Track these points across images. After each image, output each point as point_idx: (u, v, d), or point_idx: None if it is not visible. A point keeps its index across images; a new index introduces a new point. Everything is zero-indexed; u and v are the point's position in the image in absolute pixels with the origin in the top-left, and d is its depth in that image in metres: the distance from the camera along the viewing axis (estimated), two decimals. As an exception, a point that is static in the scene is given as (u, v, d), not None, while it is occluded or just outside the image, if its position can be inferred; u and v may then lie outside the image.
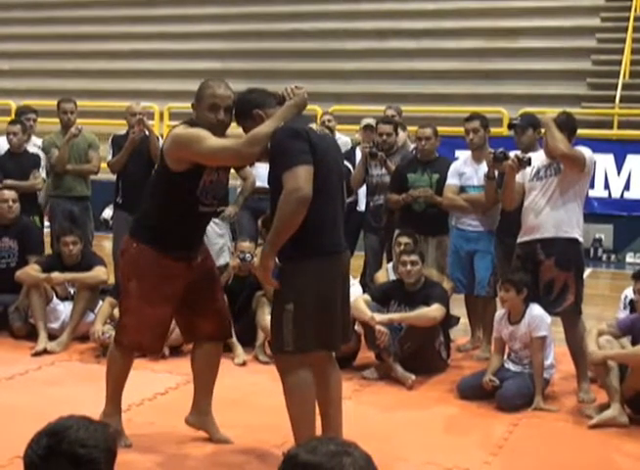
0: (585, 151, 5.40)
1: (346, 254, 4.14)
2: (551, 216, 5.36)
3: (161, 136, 9.40)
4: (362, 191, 7.49)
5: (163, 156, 4.14)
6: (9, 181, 7.27)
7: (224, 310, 4.54)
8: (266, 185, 4.12)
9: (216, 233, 7.18)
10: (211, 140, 3.99)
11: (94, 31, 17.11)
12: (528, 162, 5.45)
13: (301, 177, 3.73)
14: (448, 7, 15.44)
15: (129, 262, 4.28)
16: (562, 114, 5.57)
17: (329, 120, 8.28)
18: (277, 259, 3.86)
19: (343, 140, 8.69)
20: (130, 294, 4.25)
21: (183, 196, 4.13)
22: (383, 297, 6.03)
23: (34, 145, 7.87)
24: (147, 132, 7.35)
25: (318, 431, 4.01)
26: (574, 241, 5.37)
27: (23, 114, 7.96)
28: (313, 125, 4.05)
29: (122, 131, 7.67)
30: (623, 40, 13.57)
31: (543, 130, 5.54)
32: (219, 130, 4.10)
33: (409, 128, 8.20)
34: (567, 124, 5.45)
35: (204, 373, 4.50)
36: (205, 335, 4.44)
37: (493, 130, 6.96)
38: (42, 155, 7.68)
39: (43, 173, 7.57)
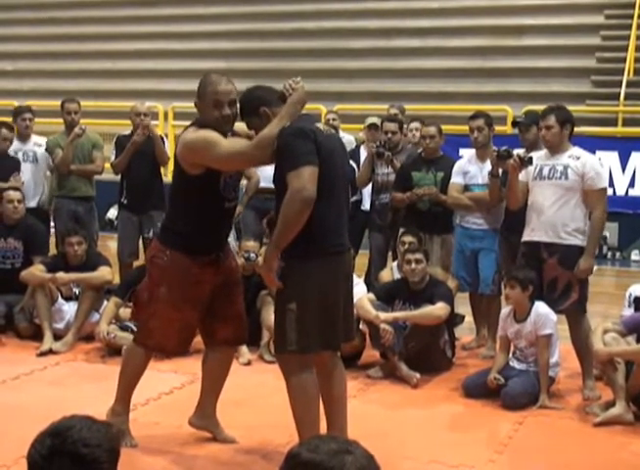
0: (603, 179, 5.47)
1: (349, 253, 4.14)
2: (553, 220, 5.35)
3: (166, 136, 9.45)
4: (367, 190, 7.49)
5: (178, 161, 4.12)
6: None
7: (242, 315, 4.52)
8: (272, 185, 4.12)
9: (221, 233, 7.17)
10: (223, 146, 3.97)
11: (97, 32, 17.13)
12: (530, 161, 5.44)
13: (306, 178, 3.72)
14: (452, 5, 15.43)
15: (160, 269, 4.24)
16: (558, 108, 5.52)
17: (333, 119, 8.28)
18: (280, 259, 3.86)
19: (347, 139, 8.69)
20: (158, 299, 4.23)
21: (208, 196, 4.13)
22: (387, 295, 6.03)
23: (35, 144, 7.88)
24: (151, 134, 7.36)
25: (323, 430, 4.01)
26: (576, 245, 5.36)
27: (19, 113, 7.95)
28: (320, 125, 4.04)
29: (127, 131, 7.68)
30: (628, 37, 13.54)
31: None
32: (226, 125, 4.10)
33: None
34: (568, 119, 5.45)
35: (214, 376, 4.50)
36: (223, 340, 4.43)
37: (497, 128, 6.95)
38: (18, 157, 7.69)
39: (24, 177, 7.57)
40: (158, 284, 4.24)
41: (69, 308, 6.59)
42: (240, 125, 4.24)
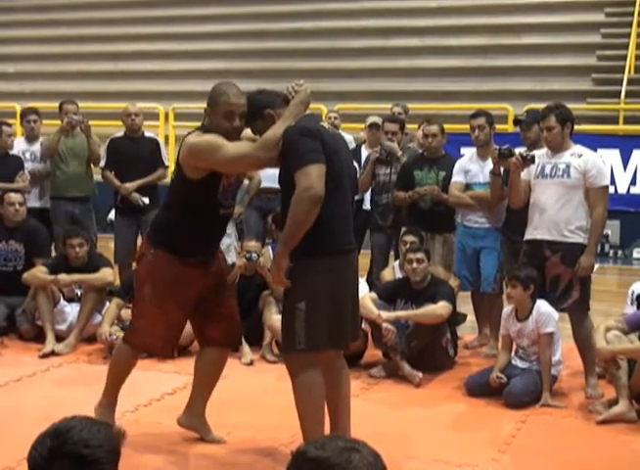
0: (605, 177, 5.45)
1: (356, 251, 4.15)
2: (556, 218, 5.35)
3: (166, 137, 9.46)
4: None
5: (180, 165, 4.12)
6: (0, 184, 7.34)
7: (235, 317, 4.53)
8: (274, 185, 4.12)
9: (223, 233, 7.17)
10: (229, 149, 3.97)
11: (98, 33, 17.13)
12: (532, 159, 5.44)
13: (313, 176, 3.72)
14: (451, 4, 15.41)
15: (145, 268, 4.28)
16: (557, 108, 5.50)
17: (335, 118, 8.29)
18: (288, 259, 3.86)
19: (347, 138, 8.69)
20: (144, 298, 4.26)
21: (204, 201, 4.12)
22: (389, 295, 6.03)
23: (42, 145, 7.91)
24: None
25: (326, 430, 4.01)
26: (578, 243, 5.36)
27: (24, 115, 8.02)
28: (324, 123, 4.05)
29: (119, 133, 7.70)
30: (628, 35, 13.53)
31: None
32: (234, 136, 4.09)
33: (413, 126, 8.20)
34: (568, 117, 5.44)
35: (206, 376, 4.50)
36: (215, 340, 4.45)
37: (498, 127, 6.95)
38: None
39: (29, 175, 7.61)
40: (143, 284, 4.27)
41: (72, 310, 6.60)
42: (245, 131, 4.24)
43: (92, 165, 7.86)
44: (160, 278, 4.20)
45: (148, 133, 7.85)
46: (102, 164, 7.59)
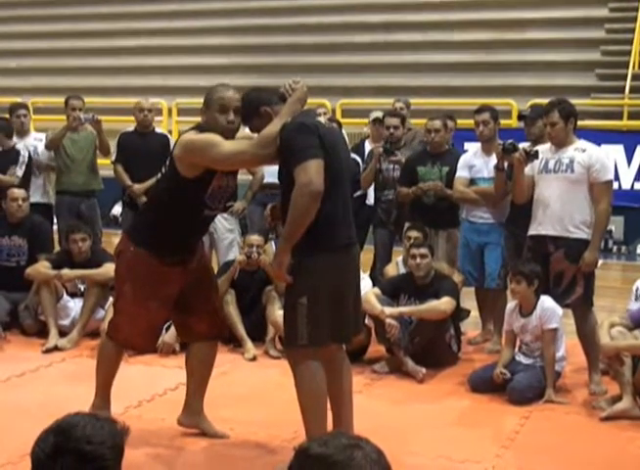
0: (609, 171, 5.43)
1: (357, 246, 4.14)
2: (560, 214, 5.34)
3: (170, 133, 9.44)
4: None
5: (174, 161, 4.10)
6: None
7: (218, 311, 4.56)
8: (277, 181, 4.12)
9: (225, 228, 7.19)
10: (226, 145, 3.97)
11: (100, 28, 17.13)
12: (536, 155, 5.43)
13: (312, 171, 3.72)
14: (455, -1, 15.41)
15: (124, 265, 4.29)
16: (560, 103, 5.48)
17: (324, 113, 8.26)
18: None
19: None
20: (124, 295, 4.28)
21: (190, 201, 4.11)
22: (393, 290, 6.02)
23: (35, 139, 7.90)
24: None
25: (329, 425, 4.01)
26: (582, 239, 5.35)
27: (14, 110, 7.98)
28: (321, 119, 4.05)
29: (130, 128, 7.68)
30: (632, 30, 13.49)
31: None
32: (230, 133, 4.07)
33: (417, 121, 8.18)
34: (571, 112, 5.42)
35: (198, 371, 4.49)
36: (200, 335, 4.45)
37: (502, 122, 6.93)
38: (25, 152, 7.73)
39: (19, 172, 7.57)
40: (123, 281, 4.29)
41: (75, 305, 6.60)
42: (243, 133, 4.23)
43: (98, 160, 7.86)
44: (139, 276, 4.20)
45: (159, 129, 7.84)
46: (112, 158, 7.59)
